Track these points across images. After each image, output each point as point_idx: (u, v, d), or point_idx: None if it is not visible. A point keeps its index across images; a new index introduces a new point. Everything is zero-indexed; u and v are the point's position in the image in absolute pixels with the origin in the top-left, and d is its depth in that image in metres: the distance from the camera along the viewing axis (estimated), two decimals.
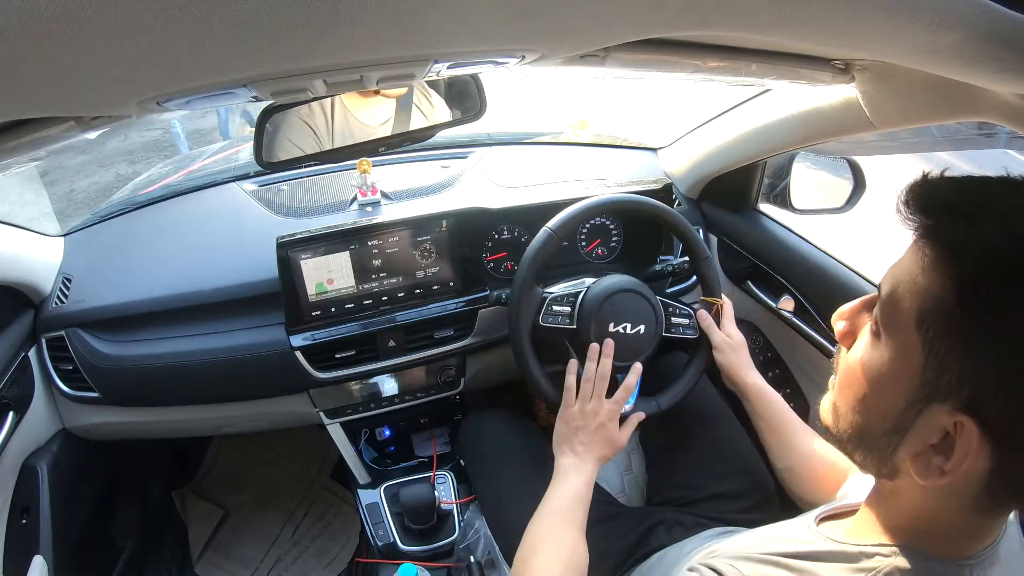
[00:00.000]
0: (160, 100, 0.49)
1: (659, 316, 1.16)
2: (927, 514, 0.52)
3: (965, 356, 0.45)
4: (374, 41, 0.45)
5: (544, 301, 1.16)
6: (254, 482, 1.98)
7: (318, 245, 1.21)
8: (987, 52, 0.54)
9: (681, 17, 0.51)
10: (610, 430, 1.05)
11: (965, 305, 0.44)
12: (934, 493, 0.50)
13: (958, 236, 0.46)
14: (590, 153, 1.70)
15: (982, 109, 0.77)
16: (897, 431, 0.50)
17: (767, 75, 0.80)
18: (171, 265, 1.31)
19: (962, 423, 0.45)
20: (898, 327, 0.49)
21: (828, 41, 0.62)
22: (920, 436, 0.48)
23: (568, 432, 1.05)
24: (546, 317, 1.15)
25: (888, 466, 0.52)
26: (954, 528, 0.51)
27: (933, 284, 0.46)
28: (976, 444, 0.45)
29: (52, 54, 0.35)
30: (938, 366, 0.46)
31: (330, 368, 1.28)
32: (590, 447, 1.03)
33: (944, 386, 0.46)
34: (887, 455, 0.52)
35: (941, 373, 0.46)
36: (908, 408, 0.49)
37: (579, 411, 1.06)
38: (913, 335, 0.47)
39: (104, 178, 4.89)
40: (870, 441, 0.53)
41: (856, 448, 0.55)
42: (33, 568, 1.20)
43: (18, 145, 0.56)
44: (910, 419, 0.49)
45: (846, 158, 1.32)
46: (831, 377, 0.61)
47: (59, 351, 1.24)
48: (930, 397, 0.47)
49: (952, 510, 0.50)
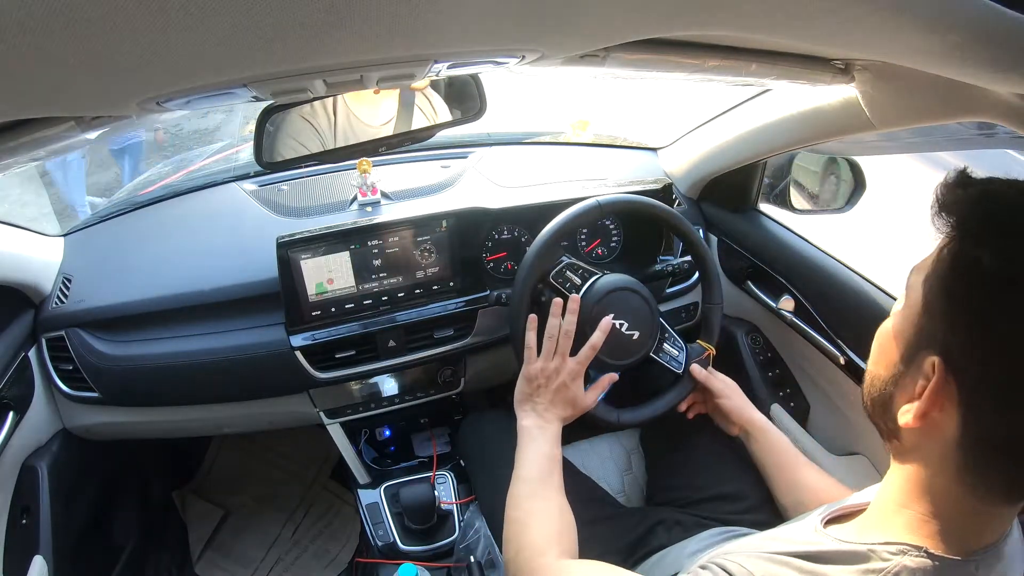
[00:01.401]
0: (160, 100, 0.49)
1: (655, 333, 1.15)
2: (926, 491, 0.54)
3: (949, 305, 0.51)
4: (374, 41, 0.45)
5: (562, 263, 1.15)
6: (254, 482, 1.98)
7: (318, 245, 1.21)
8: (987, 52, 0.54)
9: (681, 17, 0.51)
10: (573, 390, 1.02)
11: (954, 261, 0.51)
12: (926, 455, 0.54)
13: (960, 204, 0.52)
14: (590, 153, 1.70)
15: (982, 109, 0.77)
16: (894, 378, 0.56)
17: (767, 75, 0.80)
18: (171, 265, 1.31)
19: (935, 362, 0.51)
20: (911, 291, 0.56)
21: (828, 41, 0.62)
22: (910, 384, 0.54)
23: (529, 391, 1.03)
24: (557, 276, 1.14)
25: (889, 417, 0.57)
26: (961, 524, 0.53)
27: (939, 254, 0.53)
28: (943, 385, 0.50)
29: (52, 54, 0.35)
30: (929, 315, 0.53)
31: (330, 368, 1.28)
32: (551, 406, 1.01)
33: (931, 333, 0.52)
34: (887, 404, 0.57)
35: (930, 320, 0.53)
36: (904, 355, 0.55)
37: (540, 368, 1.03)
38: (918, 292, 0.54)
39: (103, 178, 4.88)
40: (878, 391, 0.58)
41: (871, 402, 0.60)
42: (33, 568, 1.20)
43: (18, 145, 0.56)
44: (904, 366, 0.55)
45: (846, 158, 1.33)
46: None
47: (59, 351, 1.24)
48: (920, 344, 0.53)
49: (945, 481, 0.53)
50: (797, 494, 1.02)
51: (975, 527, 0.53)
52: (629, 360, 1.14)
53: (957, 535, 0.52)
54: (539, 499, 0.90)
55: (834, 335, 1.23)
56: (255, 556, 1.81)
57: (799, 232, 1.39)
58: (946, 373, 0.50)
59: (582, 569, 0.80)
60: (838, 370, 1.22)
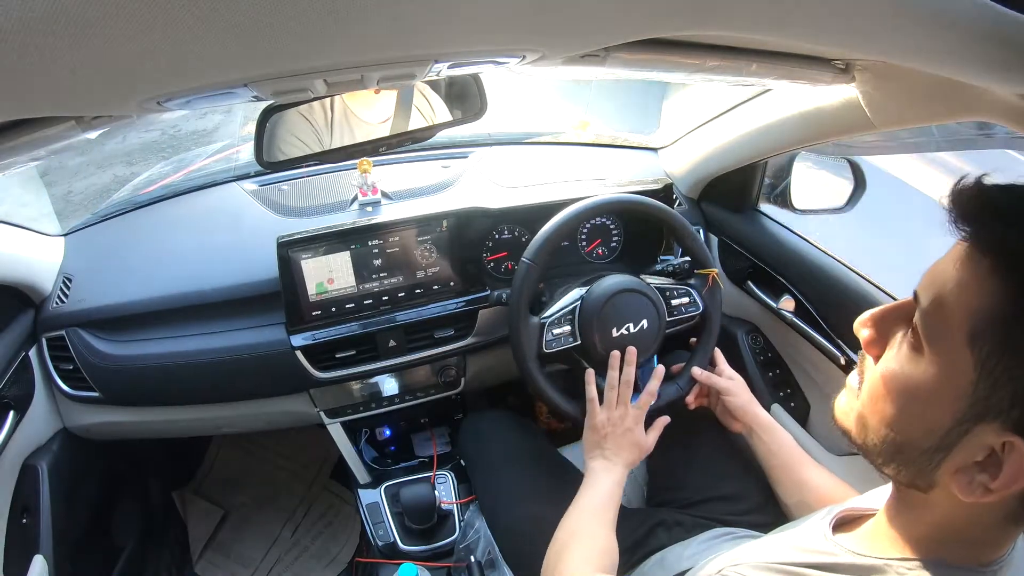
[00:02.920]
0: (160, 100, 0.49)
1: (659, 306, 1.17)
2: (955, 524, 0.51)
3: (1021, 376, 0.43)
4: (375, 41, 0.45)
5: (543, 327, 1.15)
6: (254, 482, 1.98)
7: (318, 245, 1.21)
8: (987, 52, 0.54)
9: (681, 17, 0.51)
10: (636, 434, 1.07)
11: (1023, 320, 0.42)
12: (970, 506, 0.48)
13: (1011, 243, 0.43)
14: (590, 153, 1.70)
15: (982, 109, 0.77)
16: (940, 449, 0.48)
17: (767, 75, 0.80)
18: (171, 265, 1.31)
19: (1012, 443, 0.44)
20: (946, 342, 0.46)
21: (828, 41, 0.62)
22: (964, 453, 0.47)
23: (597, 439, 1.07)
24: (549, 343, 1.15)
25: (925, 480, 0.50)
26: (980, 537, 0.51)
27: (988, 296, 0.44)
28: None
29: (53, 54, 0.35)
30: (991, 385, 0.44)
31: (330, 368, 1.28)
32: (618, 452, 1.05)
33: (995, 406, 0.44)
34: (927, 471, 0.50)
35: (993, 392, 0.44)
36: (955, 427, 0.47)
37: (606, 419, 1.08)
38: (963, 351, 0.45)
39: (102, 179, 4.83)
40: (908, 456, 0.51)
41: (889, 462, 0.53)
42: (33, 567, 1.20)
43: (18, 145, 0.56)
44: (955, 437, 0.47)
45: (847, 158, 1.32)
46: (850, 378, 0.59)
47: (60, 351, 1.24)
48: (979, 416, 0.45)
49: (984, 521, 0.49)
50: (801, 494, 1.02)
51: (996, 541, 0.51)
52: (656, 344, 1.17)
53: (976, 546, 0.51)
54: (589, 527, 0.93)
55: (835, 335, 1.23)
56: (255, 556, 1.81)
57: (800, 232, 1.39)
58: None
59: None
60: (839, 370, 1.22)
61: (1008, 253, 0.43)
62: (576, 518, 0.96)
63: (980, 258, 0.45)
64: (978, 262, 0.45)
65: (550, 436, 1.41)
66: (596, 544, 0.91)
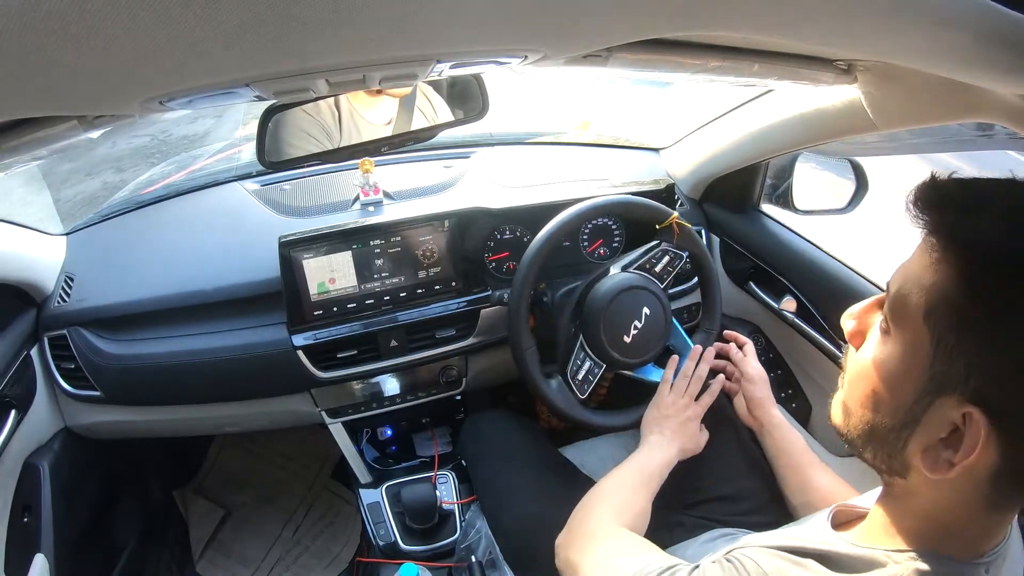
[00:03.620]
0: (163, 100, 0.49)
1: (649, 285, 1.18)
2: (940, 513, 0.52)
3: (972, 347, 0.46)
4: (376, 41, 0.45)
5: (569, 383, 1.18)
6: (255, 481, 1.98)
7: (320, 245, 1.21)
8: (988, 52, 0.54)
9: (684, 17, 0.51)
10: (693, 428, 1.11)
11: (972, 296, 0.46)
12: (945, 489, 0.50)
13: (962, 229, 0.47)
14: (592, 153, 1.70)
15: (984, 110, 0.77)
16: (906, 425, 0.51)
17: (769, 75, 0.80)
18: (173, 264, 1.31)
19: (970, 414, 0.46)
20: (907, 322, 0.50)
21: (830, 42, 0.62)
22: (929, 430, 0.49)
23: (659, 417, 1.11)
24: (584, 389, 1.18)
25: (898, 462, 0.53)
26: (967, 527, 0.52)
27: (940, 277, 0.47)
28: (984, 435, 0.45)
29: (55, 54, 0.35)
30: (947, 358, 0.47)
31: (332, 368, 1.28)
32: (676, 434, 1.08)
33: (952, 377, 0.47)
34: (897, 450, 0.52)
35: (950, 365, 0.47)
36: (917, 401, 0.50)
37: (672, 402, 1.12)
38: (922, 328, 0.49)
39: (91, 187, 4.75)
40: (880, 437, 0.54)
41: (866, 445, 0.56)
42: (34, 566, 1.20)
43: (20, 144, 0.56)
44: (919, 413, 0.50)
45: (849, 159, 1.32)
46: (840, 375, 0.61)
47: (61, 350, 1.24)
48: (938, 389, 0.48)
49: (963, 507, 0.50)
50: (807, 495, 1.02)
51: (985, 531, 0.52)
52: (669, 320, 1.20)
53: (966, 537, 0.52)
54: (628, 489, 0.97)
55: (836, 336, 1.23)
56: (256, 555, 1.81)
57: (801, 233, 1.39)
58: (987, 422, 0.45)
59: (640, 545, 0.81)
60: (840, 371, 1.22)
61: (958, 238, 0.47)
62: (620, 478, 0.99)
63: (935, 244, 0.49)
64: (933, 248, 0.49)
65: (551, 436, 1.42)
66: (631, 505, 0.93)
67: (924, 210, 0.49)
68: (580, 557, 0.83)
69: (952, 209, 0.48)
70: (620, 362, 1.17)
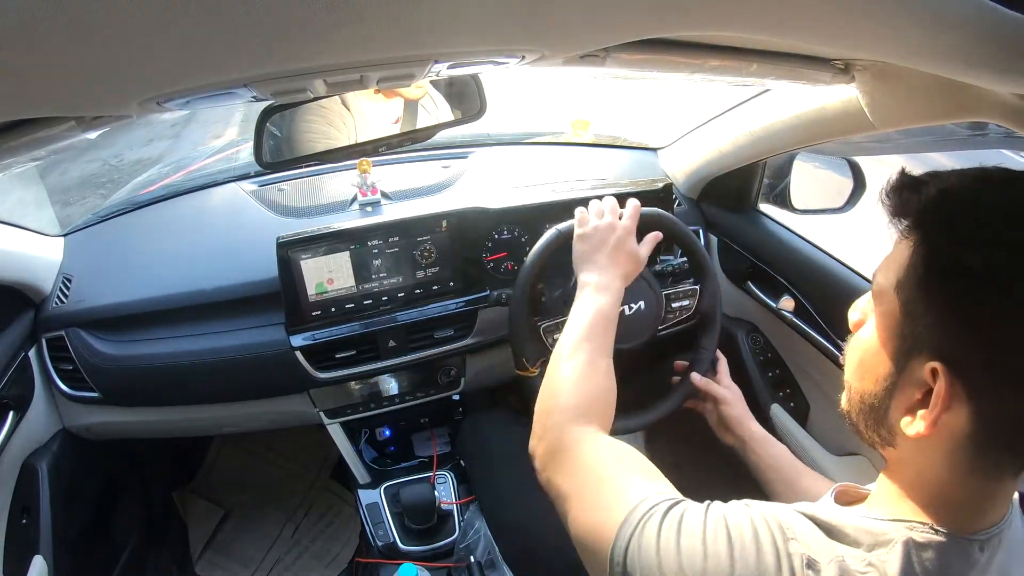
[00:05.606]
0: (160, 100, 0.49)
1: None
2: (931, 482, 0.54)
3: (932, 308, 0.50)
4: (374, 41, 0.45)
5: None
6: (254, 482, 1.98)
7: (318, 245, 1.21)
8: (987, 52, 0.54)
9: (681, 17, 0.51)
10: (631, 244, 1.01)
11: (929, 264, 0.51)
12: (930, 452, 0.53)
13: (917, 204, 0.53)
14: (590, 153, 1.70)
15: (982, 109, 0.77)
16: (887, 390, 0.55)
17: (767, 75, 0.80)
18: (171, 265, 1.31)
19: (935, 368, 0.49)
20: (883, 298, 0.55)
21: (828, 41, 0.62)
22: (906, 392, 0.53)
23: (589, 249, 1.00)
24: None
25: (885, 428, 0.56)
26: (960, 496, 0.53)
27: (904, 253, 0.53)
28: (950, 388, 0.49)
29: (53, 55, 0.35)
30: (912, 321, 0.52)
31: (330, 368, 1.28)
32: (614, 260, 0.99)
33: (919, 339, 0.51)
34: (883, 417, 0.56)
35: (915, 327, 0.52)
36: (893, 366, 0.54)
37: (594, 227, 1.01)
38: (893, 299, 0.54)
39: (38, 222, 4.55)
40: (868, 405, 0.57)
41: (859, 417, 0.59)
42: (33, 568, 1.20)
43: (18, 145, 0.56)
44: (896, 376, 0.54)
45: (846, 158, 1.33)
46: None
47: (59, 351, 1.24)
48: (909, 352, 0.52)
49: (951, 472, 0.52)
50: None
51: (979, 505, 0.53)
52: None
53: (962, 514, 0.53)
54: (583, 357, 0.85)
55: (834, 335, 1.23)
56: (255, 556, 1.81)
57: (799, 232, 1.39)
58: (950, 376, 0.49)
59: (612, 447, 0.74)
60: (838, 370, 1.22)
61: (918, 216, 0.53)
62: (569, 346, 0.87)
63: (901, 225, 0.54)
64: (901, 229, 0.54)
65: None
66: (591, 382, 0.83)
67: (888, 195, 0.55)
68: (563, 480, 0.73)
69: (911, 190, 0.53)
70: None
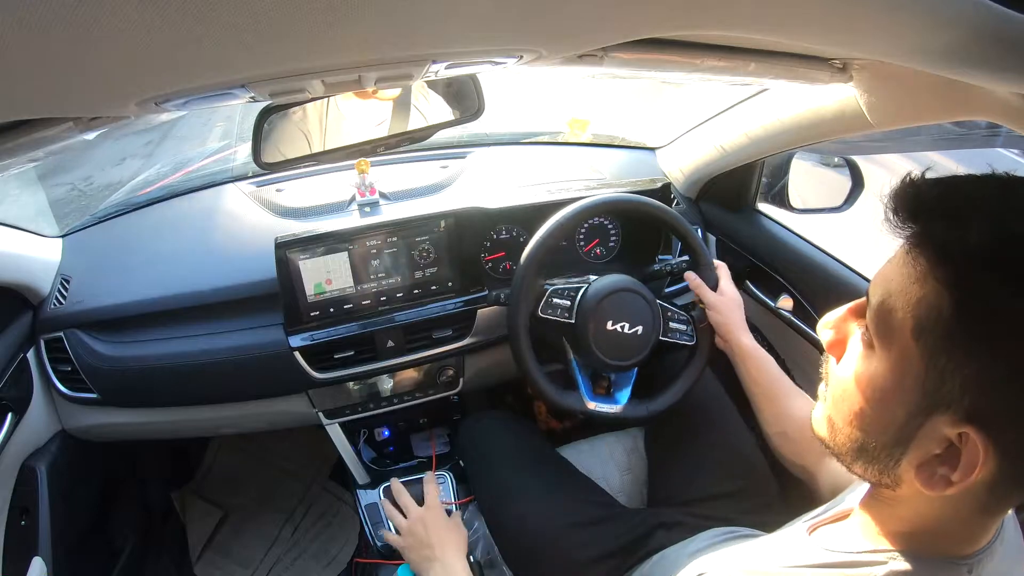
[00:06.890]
0: (158, 101, 0.49)
1: (657, 319, 1.16)
2: (928, 519, 0.51)
3: (966, 365, 0.44)
4: (372, 41, 0.45)
5: (545, 293, 1.16)
6: (253, 482, 1.97)
7: (316, 246, 1.21)
8: (985, 52, 0.54)
9: (679, 16, 0.51)
10: (442, 525, 1.12)
11: (962, 312, 0.43)
12: (938, 500, 0.48)
13: (947, 239, 0.44)
14: (588, 153, 1.70)
15: (980, 109, 0.77)
16: (899, 443, 0.49)
17: (765, 74, 0.80)
18: (170, 266, 1.31)
19: (967, 434, 0.44)
20: (893, 339, 0.48)
21: (826, 40, 0.62)
22: (923, 447, 0.47)
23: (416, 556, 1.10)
24: (545, 308, 1.16)
25: (890, 477, 0.51)
26: (955, 530, 0.51)
27: (928, 292, 0.45)
28: (982, 453, 0.44)
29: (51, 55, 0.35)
30: (939, 377, 0.45)
31: (329, 368, 1.28)
32: (439, 547, 1.08)
33: (946, 396, 0.45)
34: (889, 467, 0.50)
35: (942, 383, 0.45)
36: (909, 420, 0.47)
37: (408, 530, 1.13)
38: (911, 346, 0.46)
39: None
40: (871, 454, 0.52)
41: (855, 460, 0.54)
42: (32, 569, 1.20)
43: (16, 146, 0.56)
44: (912, 431, 0.48)
45: (844, 157, 1.33)
46: (820, 387, 0.59)
47: (58, 352, 1.24)
48: (931, 408, 0.46)
49: (955, 514, 0.50)
50: (782, 425, 1.01)
51: (972, 534, 0.51)
52: (642, 355, 1.16)
53: (952, 539, 0.51)
54: None
55: None
56: (254, 556, 1.81)
57: (798, 231, 1.40)
58: (985, 439, 0.43)
59: None
60: None
61: (940, 248, 0.45)
62: None
63: (918, 255, 0.46)
64: (916, 259, 0.46)
65: (549, 436, 1.42)
66: None
67: (906, 220, 0.47)
68: None
69: (937, 219, 0.46)
70: (602, 362, 1.15)
